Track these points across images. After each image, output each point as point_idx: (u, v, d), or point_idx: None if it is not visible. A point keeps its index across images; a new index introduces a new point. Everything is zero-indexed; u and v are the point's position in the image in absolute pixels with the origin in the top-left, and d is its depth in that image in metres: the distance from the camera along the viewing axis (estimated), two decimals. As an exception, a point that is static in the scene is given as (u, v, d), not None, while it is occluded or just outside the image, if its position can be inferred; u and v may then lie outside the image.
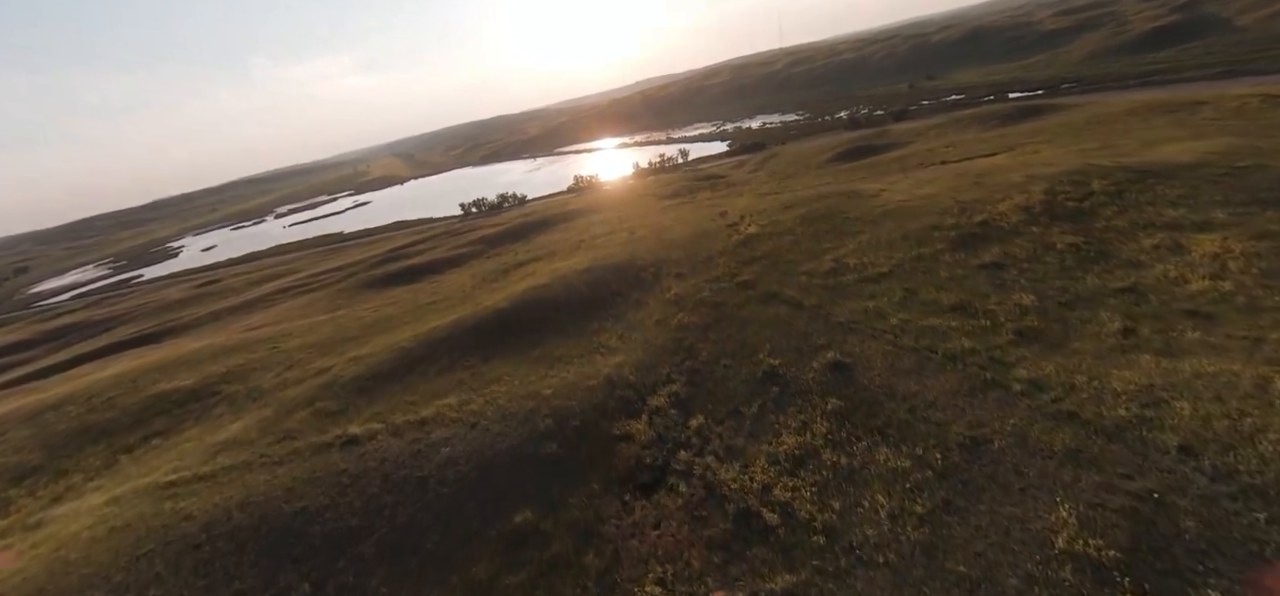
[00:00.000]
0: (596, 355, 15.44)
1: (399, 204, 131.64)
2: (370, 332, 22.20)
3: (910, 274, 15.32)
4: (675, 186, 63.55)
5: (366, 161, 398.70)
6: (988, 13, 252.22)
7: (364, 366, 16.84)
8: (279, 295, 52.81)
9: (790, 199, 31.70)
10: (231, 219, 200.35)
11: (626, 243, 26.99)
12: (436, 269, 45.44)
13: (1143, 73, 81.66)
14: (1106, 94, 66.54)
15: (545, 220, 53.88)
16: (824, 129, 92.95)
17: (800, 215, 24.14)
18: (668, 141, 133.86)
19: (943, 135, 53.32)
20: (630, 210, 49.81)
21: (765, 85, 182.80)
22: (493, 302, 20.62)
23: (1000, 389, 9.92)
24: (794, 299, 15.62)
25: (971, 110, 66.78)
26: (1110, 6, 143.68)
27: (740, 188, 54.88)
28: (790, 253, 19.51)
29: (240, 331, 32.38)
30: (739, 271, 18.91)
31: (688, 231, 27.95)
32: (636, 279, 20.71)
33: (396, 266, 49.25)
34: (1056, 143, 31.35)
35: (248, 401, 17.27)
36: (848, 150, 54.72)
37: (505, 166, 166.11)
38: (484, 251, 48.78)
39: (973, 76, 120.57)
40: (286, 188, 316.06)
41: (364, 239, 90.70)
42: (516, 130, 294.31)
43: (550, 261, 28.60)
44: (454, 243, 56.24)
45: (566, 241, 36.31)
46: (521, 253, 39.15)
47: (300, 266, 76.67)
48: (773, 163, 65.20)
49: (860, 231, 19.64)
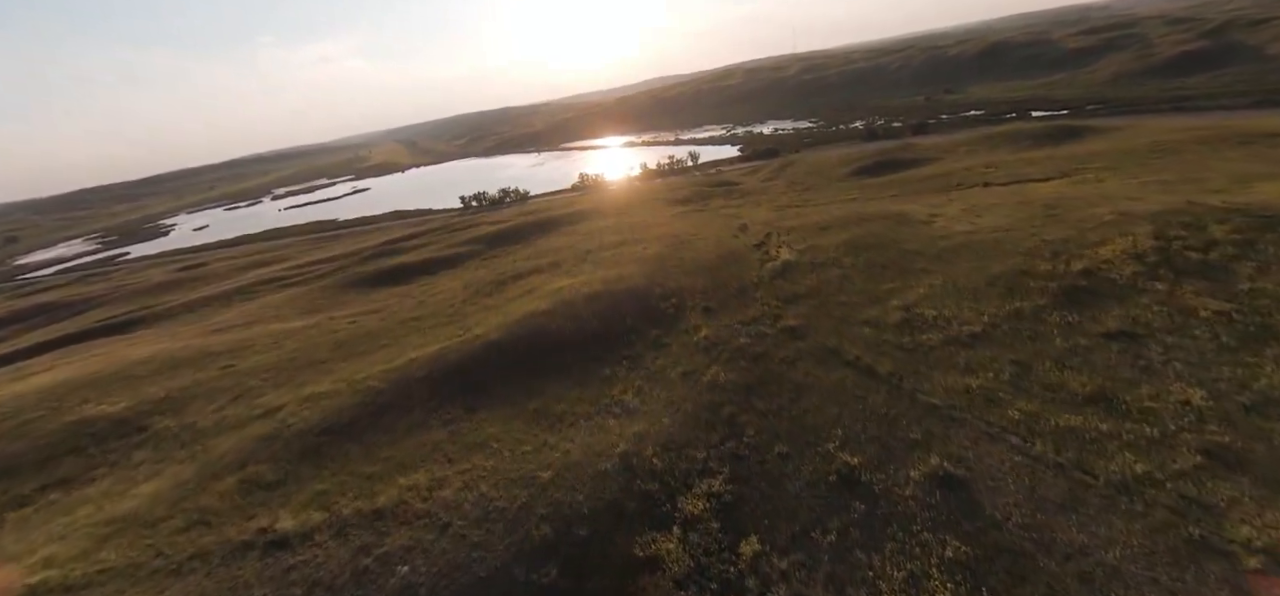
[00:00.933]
0: (609, 416, 12.23)
1: (398, 193, 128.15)
2: (339, 356, 18.92)
3: (1012, 338, 12.09)
4: (685, 191, 60.29)
5: (368, 146, 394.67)
6: (1002, 29, 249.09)
7: (320, 412, 13.59)
8: (261, 287, 49.47)
9: (824, 217, 28.51)
10: (228, 198, 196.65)
11: (640, 260, 23.73)
12: (429, 269, 42.13)
13: (1174, 98, 78.61)
14: (1141, 117, 63.39)
15: (548, 222, 50.60)
16: (839, 138, 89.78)
17: (844, 241, 20.91)
18: (676, 142, 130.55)
19: (974, 153, 50.10)
20: (640, 216, 46.56)
21: (777, 90, 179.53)
22: (484, 330, 17.38)
23: (1220, 557, 6.69)
24: (861, 360, 12.39)
25: (999, 127, 63.58)
26: (1133, 29, 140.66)
27: (757, 197, 51.69)
28: (842, 291, 16.28)
29: (202, 334, 29.05)
30: (781, 312, 15.67)
31: (710, 251, 24.70)
32: (655, 311, 17.47)
33: (387, 263, 45.92)
34: (1123, 171, 28.15)
35: (175, 446, 13.99)
36: (872, 164, 51.51)
37: (508, 160, 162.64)
38: (481, 252, 45.47)
39: (991, 92, 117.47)
40: (287, 169, 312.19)
41: (358, 228, 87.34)
42: (521, 123, 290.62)
43: (552, 276, 25.34)
44: (450, 240, 52.93)
45: (571, 250, 33.04)
46: (521, 258, 35.88)
47: (289, 253, 73.26)
48: (789, 171, 61.96)
49: (927, 269, 16.41)
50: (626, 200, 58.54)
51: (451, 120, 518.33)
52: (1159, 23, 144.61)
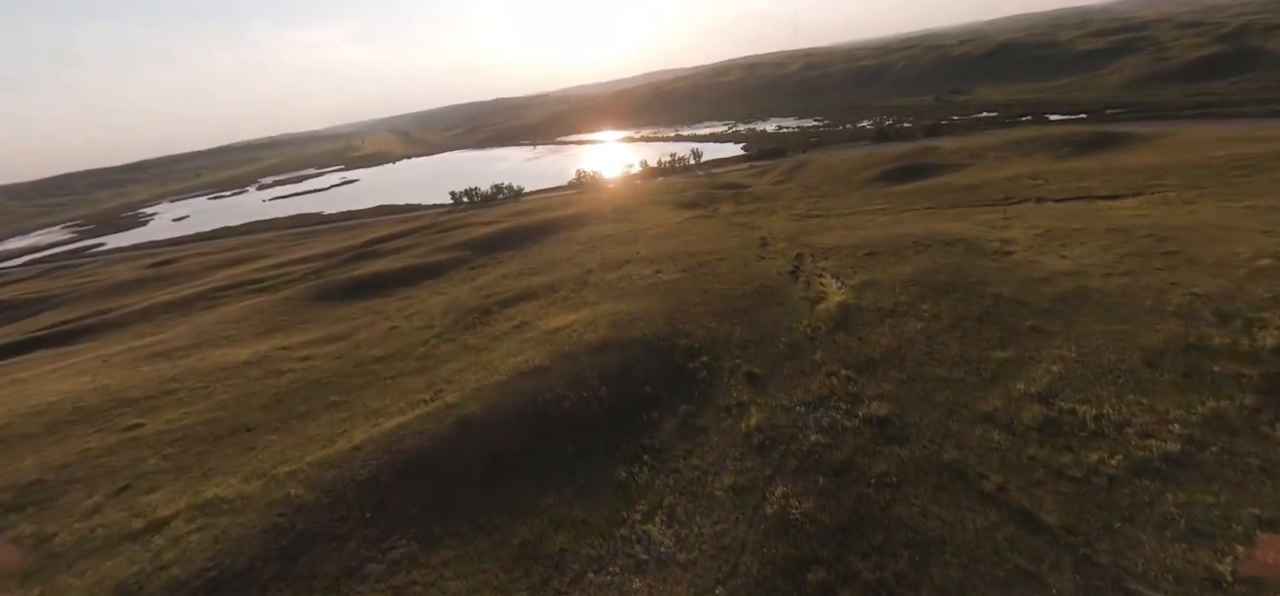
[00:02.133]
0: (631, 572, 8.24)
1: (388, 185, 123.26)
2: (271, 419, 14.76)
3: (1231, 467, 8.15)
4: (691, 193, 56.19)
5: (360, 136, 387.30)
6: (1005, 30, 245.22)
7: (211, 542, 9.48)
8: (226, 292, 45.06)
9: (863, 237, 24.52)
10: (213, 187, 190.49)
11: (653, 290, 19.65)
12: (409, 279, 37.86)
13: (1199, 104, 75.16)
14: (1173, 124, 59.56)
15: (543, 225, 46.41)
16: (848, 139, 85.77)
17: (909, 276, 16.90)
18: (676, 138, 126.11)
19: (1006, 159, 46.24)
20: (643, 221, 42.49)
21: (779, 87, 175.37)
22: (459, 394, 13.29)
23: None
24: (1006, 494, 8.41)
25: (1023, 131, 59.74)
26: (1143, 32, 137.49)
27: (770, 202, 47.70)
28: (934, 357, 12.30)
29: (138, 360, 24.74)
30: (857, 389, 11.68)
31: (736, 277, 20.66)
32: (681, 373, 13.44)
33: (364, 270, 41.58)
34: (1209, 191, 24.31)
35: (12, 586, 9.85)
36: (895, 169, 47.54)
37: (503, 152, 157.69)
38: (468, 260, 41.19)
39: (1002, 94, 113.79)
40: (275, 157, 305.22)
41: (342, 223, 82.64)
42: (517, 114, 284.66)
43: (547, 306, 21.21)
44: (436, 243, 48.63)
45: (569, 265, 28.94)
46: (512, 272, 31.72)
47: (267, 250, 68.59)
48: (801, 174, 57.95)
49: (1042, 330, 12.45)
50: (627, 202, 54.40)
51: (446, 110, 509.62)
52: (1169, 26, 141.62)
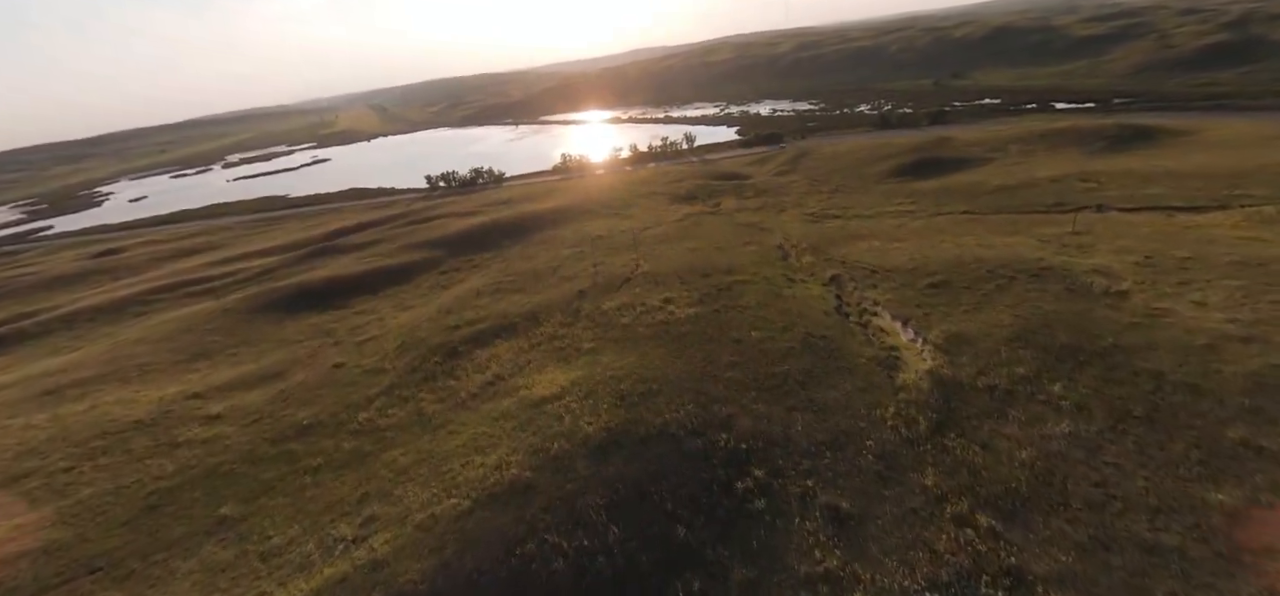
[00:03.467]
0: None
1: (361, 166, 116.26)
2: (126, 557, 10.25)
3: None
4: (687, 183, 51.66)
5: (335, 111, 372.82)
6: (997, 12, 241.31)
7: None
8: (165, 296, 39.73)
9: (916, 256, 20.36)
10: (178, 164, 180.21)
11: (668, 334, 15.34)
12: (371, 286, 32.98)
13: (1210, 95, 72.19)
14: (1188, 114, 56.18)
15: (525, 220, 41.63)
16: (847, 125, 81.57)
17: (1009, 331, 12.82)
18: (666, 120, 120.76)
19: (1032, 154, 42.42)
20: (640, 218, 37.97)
21: (771, 68, 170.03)
22: (392, 546, 8.97)
23: None
24: None
25: (1047, 122, 55.89)
26: (1143, 18, 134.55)
27: (776, 197, 43.39)
28: (1113, 498, 8.29)
29: (4, 406, 19.81)
30: (1012, 558, 7.59)
31: (772, 313, 16.44)
32: (729, 500, 9.25)
33: (322, 272, 36.54)
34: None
35: None
36: (911, 163, 43.44)
37: (484, 131, 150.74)
38: (440, 262, 36.34)
39: (1003, 79, 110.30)
40: (245, 132, 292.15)
41: (308, 208, 76.51)
42: (498, 91, 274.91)
43: (530, 350, 16.79)
44: (406, 238, 43.54)
45: (556, 283, 24.49)
46: (488, 288, 27.10)
47: (222, 240, 62.66)
48: (806, 164, 53.68)
49: (1259, 446, 8.40)
50: (618, 192, 49.71)
51: (425, 86, 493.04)
52: (1168, 13, 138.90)
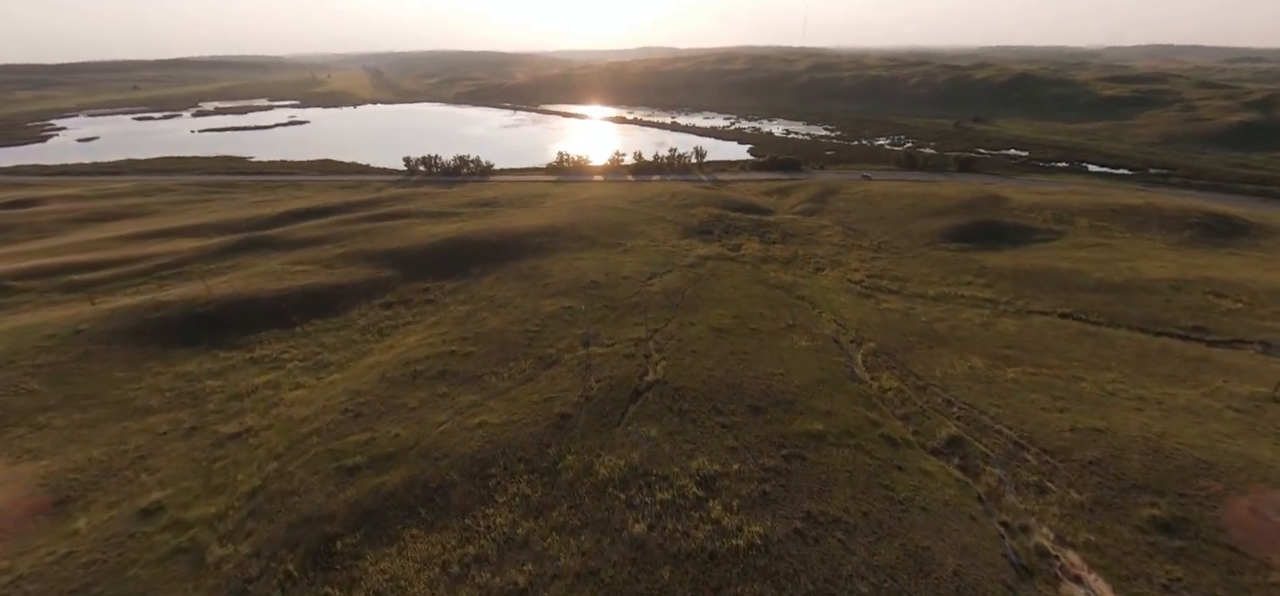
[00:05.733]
0: None
1: (341, 134, 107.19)
2: None
3: None
4: (701, 211, 44.68)
5: (329, 69, 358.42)
6: (1015, 57, 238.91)
7: None
8: (40, 281, 31.53)
9: (1090, 433, 13.76)
10: (148, 104, 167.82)
11: (728, 558, 8.30)
12: (285, 316, 25.28)
13: (1255, 178, 67.54)
14: (1260, 204, 50.98)
15: (507, 240, 34.24)
16: (868, 158, 75.53)
17: None
18: (673, 126, 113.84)
19: (1108, 234, 36.29)
20: (646, 258, 30.83)
21: (784, 85, 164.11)
22: None
23: None
24: None
25: (1110, 194, 50.12)
26: (1164, 84, 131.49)
27: (807, 245, 36.59)
28: None
29: None
30: None
31: (881, 513, 9.65)
32: None
33: (232, 284, 28.77)
34: None
35: None
36: (970, 227, 37.08)
37: (480, 113, 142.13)
38: (387, 287, 28.71)
39: (1026, 130, 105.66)
40: (230, 79, 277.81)
41: (267, 177, 67.83)
42: (502, 71, 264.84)
43: (484, 541, 9.65)
44: (357, 244, 35.75)
45: (529, 368, 17.44)
46: (438, 351, 19.74)
47: (151, 206, 53.95)
48: (836, 205, 47.12)
49: None
50: (621, 212, 42.62)
51: (426, 55, 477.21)
52: (1187, 84, 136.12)
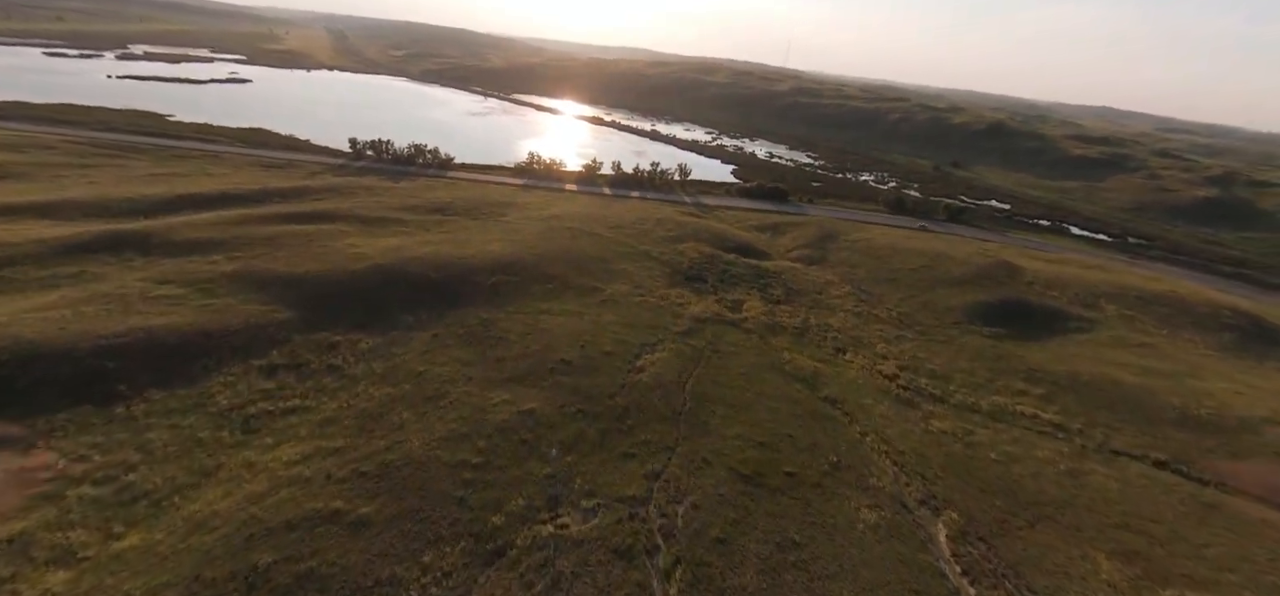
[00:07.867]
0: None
1: (282, 101, 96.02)
2: None
3: None
4: (689, 250, 38.42)
5: (287, 25, 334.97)
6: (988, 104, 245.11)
7: None
8: None
9: None
10: (67, 39, 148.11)
11: None
12: (141, 370, 17.86)
13: (1228, 258, 67.65)
14: (1255, 291, 49.60)
15: (451, 273, 27.04)
16: (855, 194, 71.97)
17: None
18: (653, 135, 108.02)
19: (1142, 328, 32.53)
20: (627, 315, 24.43)
21: (766, 105, 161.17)
22: None
23: None
24: None
25: (1129, 276, 47.22)
26: (1125, 149, 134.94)
27: (817, 310, 31.15)
28: None
29: None
30: None
31: None
32: None
33: (41, 321, 20.88)
34: None
35: None
36: (996, 305, 32.63)
37: (448, 95, 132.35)
38: (275, 340, 21.09)
39: (1004, 181, 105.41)
40: (171, 22, 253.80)
41: (181, 143, 57.55)
42: (476, 53, 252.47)
43: None
44: (256, 259, 27.77)
45: (464, 462, 10.98)
46: (307, 514, 13.07)
47: (19, 166, 43.59)
48: (839, 254, 42.20)
49: None
50: (598, 242, 36.17)
51: (397, 25, 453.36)
52: (1146, 151, 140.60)
